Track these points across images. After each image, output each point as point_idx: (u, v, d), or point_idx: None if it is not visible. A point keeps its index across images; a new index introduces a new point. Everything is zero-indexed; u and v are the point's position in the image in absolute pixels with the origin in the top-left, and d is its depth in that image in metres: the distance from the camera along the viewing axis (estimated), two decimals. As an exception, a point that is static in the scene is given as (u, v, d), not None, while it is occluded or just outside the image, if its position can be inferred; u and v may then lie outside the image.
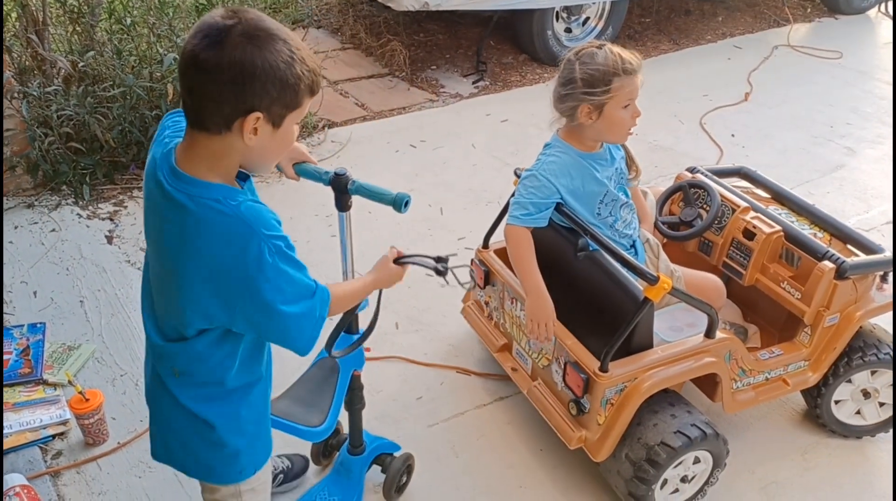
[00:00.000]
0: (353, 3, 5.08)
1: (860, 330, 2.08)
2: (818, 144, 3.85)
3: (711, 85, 4.41)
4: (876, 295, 2.09)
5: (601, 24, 4.65)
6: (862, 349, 2.08)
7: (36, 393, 2.23)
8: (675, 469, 1.87)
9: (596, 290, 1.96)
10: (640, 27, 5.18)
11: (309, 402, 1.70)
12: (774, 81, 4.49)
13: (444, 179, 3.44)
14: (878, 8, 5.64)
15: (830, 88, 4.44)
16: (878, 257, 2.04)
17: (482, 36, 4.58)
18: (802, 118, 4.09)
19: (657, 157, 3.62)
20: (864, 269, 2.01)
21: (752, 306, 2.33)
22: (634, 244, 2.07)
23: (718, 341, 1.92)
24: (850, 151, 3.79)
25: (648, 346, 1.90)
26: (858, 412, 2.19)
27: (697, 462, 1.92)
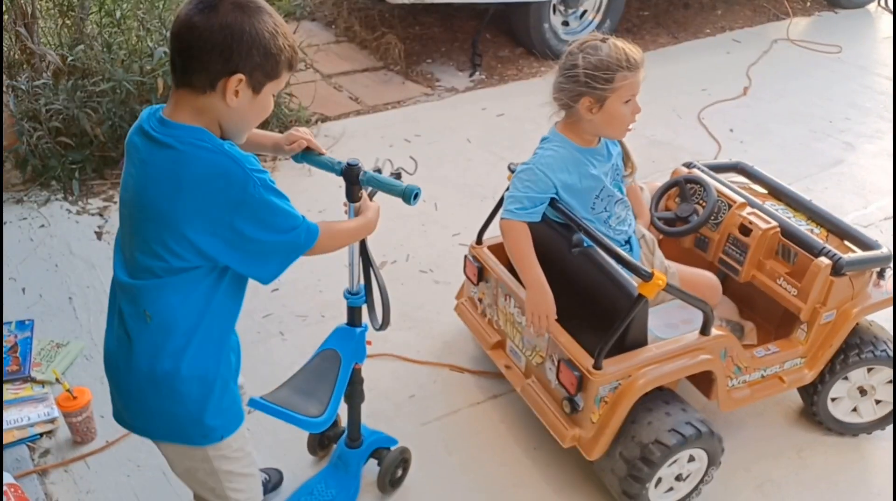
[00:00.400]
0: (347, -5, 5.04)
1: (857, 327, 2.06)
2: (817, 139, 3.82)
3: (710, 79, 4.37)
4: (873, 292, 2.07)
5: (599, 17, 4.61)
6: (858, 346, 2.06)
7: (24, 391, 2.21)
8: (669, 467, 1.86)
9: (590, 286, 1.94)
10: (638, 20, 5.14)
11: (309, 393, 1.69)
12: (773, 76, 4.46)
13: (438, 174, 3.41)
14: (877, 2, 5.61)
15: (829, 83, 4.40)
16: (874, 253, 2.02)
17: (478, 29, 4.54)
18: (801, 113, 4.06)
19: (655, 151, 3.59)
20: (860, 265, 1.99)
21: (748, 302, 2.31)
22: (629, 240, 2.05)
23: (714, 338, 1.90)
24: (848, 146, 3.77)
25: (643, 343, 1.88)
26: (855, 410, 2.17)
27: (692, 460, 1.90)
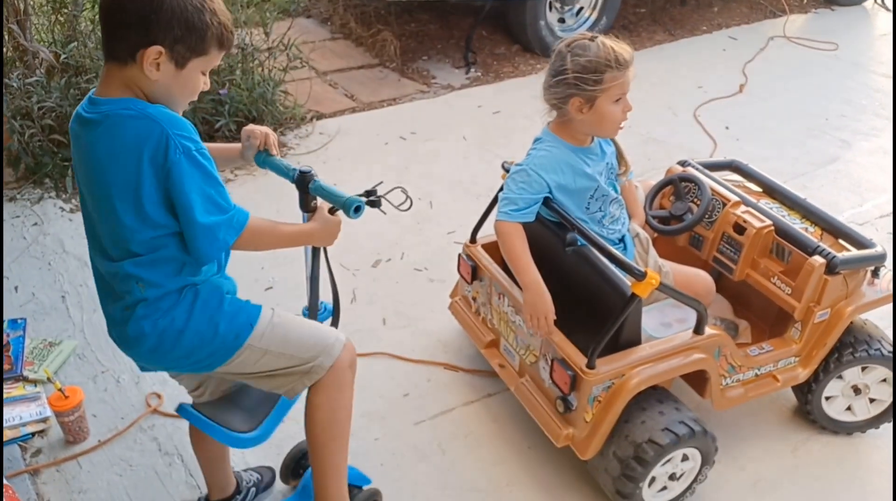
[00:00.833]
0: (343, -8, 5.02)
1: (851, 326, 2.06)
2: (813, 137, 3.82)
3: (706, 76, 4.37)
4: (867, 290, 2.06)
5: (595, 14, 4.60)
6: (853, 345, 2.06)
7: (16, 390, 2.20)
8: (663, 466, 1.85)
9: (583, 285, 1.93)
10: (634, 17, 5.12)
11: (248, 408, 1.62)
12: (770, 73, 4.45)
13: (433, 172, 3.40)
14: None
15: (826, 80, 4.40)
16: (869, 251, 2.01)
17: (472, 26, 4.53)
18: (797, 110, 4.06)
19: (650, 149, 3.58)
20: (855, 264, 1.99)
21: (742, 301, 2.30)
22: (623, 239, 2.04)
23: (707, 337, 1.89)
24: (844, 144, 3.76)
25: (636, 342, 1.87)
26: (849, 409, 2.17)
27: (686, 459, 1.89)
